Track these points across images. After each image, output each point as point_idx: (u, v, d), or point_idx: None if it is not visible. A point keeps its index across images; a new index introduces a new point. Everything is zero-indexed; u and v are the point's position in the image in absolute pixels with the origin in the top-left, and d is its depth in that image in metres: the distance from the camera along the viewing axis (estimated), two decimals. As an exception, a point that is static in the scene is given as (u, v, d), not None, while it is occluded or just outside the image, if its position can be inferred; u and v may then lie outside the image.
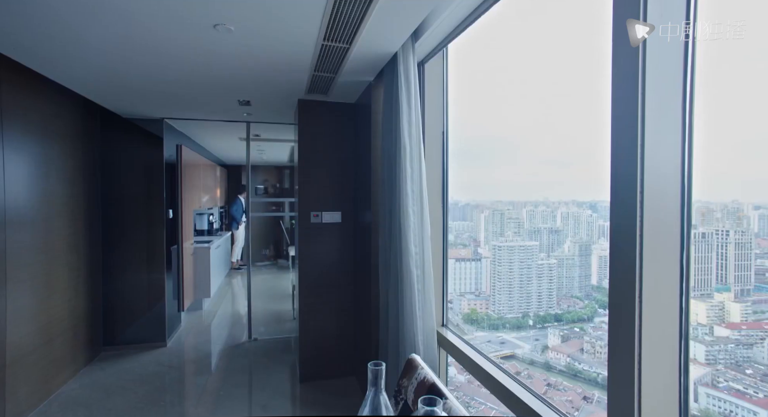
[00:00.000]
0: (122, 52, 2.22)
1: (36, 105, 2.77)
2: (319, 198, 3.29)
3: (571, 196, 2.36)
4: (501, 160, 2.58)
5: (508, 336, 2.39)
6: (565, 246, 2.34)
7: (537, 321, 2.35)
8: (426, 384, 1.40)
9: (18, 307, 2.57)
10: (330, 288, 3.33)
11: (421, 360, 1.52)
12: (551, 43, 2.12)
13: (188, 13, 1.74)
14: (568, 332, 2.27)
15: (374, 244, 2.63)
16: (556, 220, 2.37)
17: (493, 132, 2.64)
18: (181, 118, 4.05)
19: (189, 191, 4.78)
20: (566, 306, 2.28)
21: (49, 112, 2.93)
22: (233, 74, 2.58)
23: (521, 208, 2.54)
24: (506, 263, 2.47)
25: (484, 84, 2.65)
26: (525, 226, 2.50)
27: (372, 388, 1.05)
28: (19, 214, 2.58)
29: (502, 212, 2.59)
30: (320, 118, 3.30)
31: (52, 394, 2.97)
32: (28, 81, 2.64)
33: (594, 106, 1.89)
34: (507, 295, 2.44)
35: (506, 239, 2.52)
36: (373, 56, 2.23)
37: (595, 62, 1.42)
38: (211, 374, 3.47)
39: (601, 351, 2.08)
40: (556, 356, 2.21)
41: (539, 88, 2.25)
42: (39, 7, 1.70)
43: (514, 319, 2.43)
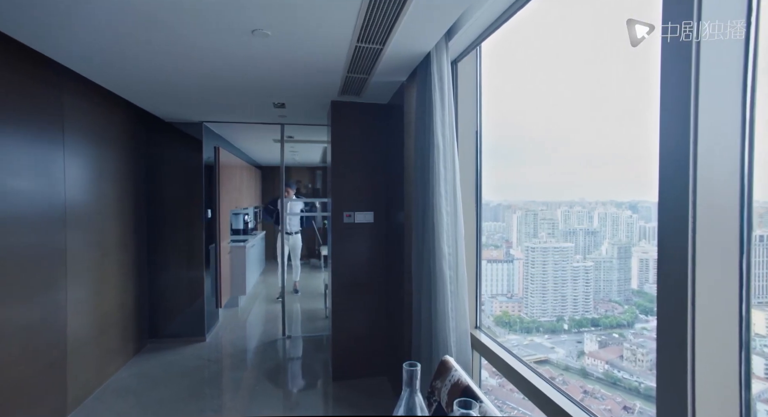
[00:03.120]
0: (167, 61, 2.33)
1: (91, 111, 2.97)
2: (352, 198, 3.33)
3: (609, 197, 2.28)
4: (534, 160, 2.52)
5: (542, 340, 2.32)
6: (602, 248, 2.26)
7: (572, 325, 2.28)
8: (460, 386, 1.39)
9: (76, 300, 2.76)
10: (362, 287, 3.36)
11: (454, 362, 1.51)
12: (587, 40, 2.05)
13: (228, 21, 1.81)
14: (606, 338, 2.18)
15: (407, 245, 2.63)
16: (592, 221, 2.29)
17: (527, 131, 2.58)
18: (219, 121, 4.21)
19: (226, 192, 4.96)
20: (604, 310, 2.20)
21: (102, 118, 3.13)
22: (268, 77, 2.66)
23: (555, 209, 2.47)
24: (540, 265, 2.41)
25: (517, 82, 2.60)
26: (560, 227, 2.42)
27: (407, 388, 1.05)
28: (77, 214, 2.77)
29: (535, 213, 2.53)
30: (353, 119, 3.34)
31: (105, 381, 3.17)
32: (85, 89, 2.82)
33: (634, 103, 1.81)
34: (540, 297, 2.38)
35: (540, 240, 2.46)
36: (406, 56, 2.23)
37: (634, 58, 1.37)
38: (247, 369, 3.58)
39: (643, 359, 1.99)
40: (593, 362, 2.13)
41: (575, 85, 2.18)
42: (98, 25, 1.82)
43: (548, 323, 2.37)
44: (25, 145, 2.29)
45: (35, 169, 2.37)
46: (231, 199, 5.33)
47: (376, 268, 3.38)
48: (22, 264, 2.26)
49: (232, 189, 5.46)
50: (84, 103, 2.86)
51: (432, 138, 2.04)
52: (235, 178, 5.69)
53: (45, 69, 2.39)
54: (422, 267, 2.15)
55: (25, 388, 2.28)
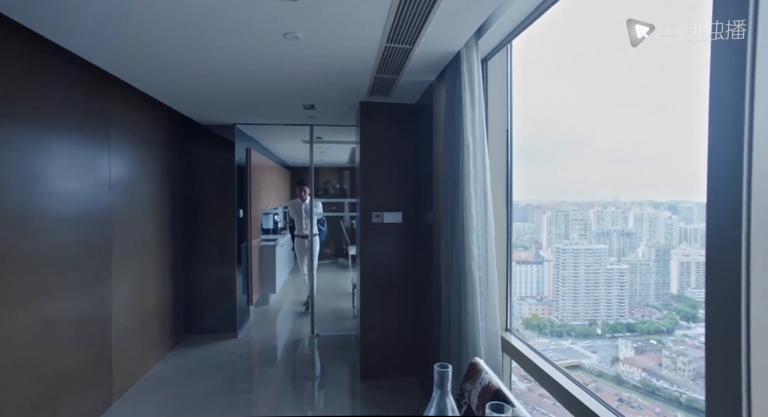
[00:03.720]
0: (203, 67, 2.42)
1: (134, 116, 3.12)
2: (380, 198, 3.34)
3: (647, 197, 2.18)
4: (565, 159, 2.44)
5: (573, 344, 2.25)
6: (638, 250, 2.16)
7: (606, 330, 2.20)
8: (491, 389, 1.37)
9: (120, 295, 2.91)
10: (390, 287, 3.37)
11: (484, 364, 1.49)
12: (622, 36, 1.97)
13: (261, 26, 1.85)
14: (642, 344, 2.09)
15: (436, 245, 2.62)
16: (628, 222, 2.20)
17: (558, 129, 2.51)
18: (251, 123, 4.33)
19: (257, 192, 5.09)
20: (640, 315, 2.11)
21: (143, 122, 3.28)
22: (299, 80, 2.71)
23: (588, 209, 2.39)
24: (571, 267, 2.33)
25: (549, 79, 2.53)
26: (592, 228, 2.34)
27: (438, 390, 1.05)
28: (120, 213, 2.92)
29: (566, 213, 2.45)
30: (381, 119, 3.35)
31: (146, 373, 3.33)
32: (129, 96, 2.97)
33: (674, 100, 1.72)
34: (572, 300, 2.31)
35: (571, 242, 2.39)
36: (436, 56, 2.22)
37: (674, 52, 1.30)
38: (277, 366, 3.66)
39: (684, 368, 1.89)
40: (629, 369, 2.04)
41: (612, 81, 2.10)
42: (145, 37, 1.91)
43: (580, 327, 2.29)
44: (76, 149, 2.43)
45: (84, 171, 2.51)
46: (261, 199, 5.47)
47: (404, 269, 3.38)
48: (74, 260, 2.40)
49: (263, 189, 5.60)
50: (127, 108, 3.01)
51: (462, 137, 2.02)
52: (265, 179, 5.83)
53: (96, 78, 2.54)
54: (451, 268, 2.13)
55: (77, 376, 2.42)
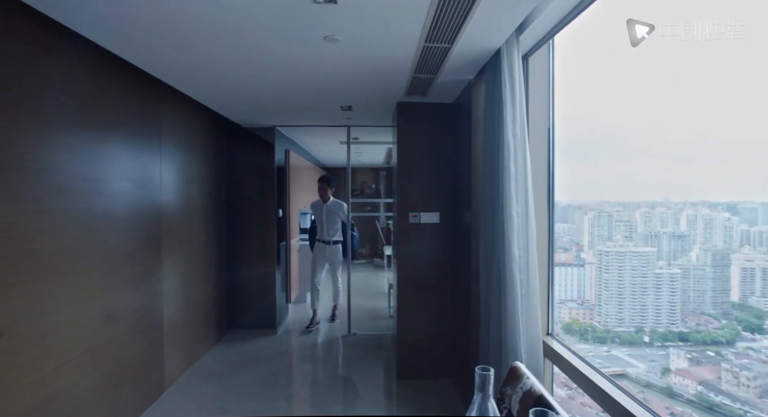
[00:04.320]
0: (246, 72, 2.52)
1: (182, 121, 3.29)
2: (418, 198, 3.34)
3: (702, 197, 2.04)
4: (609, 157, 2.33)
5: (618, 351, 2.14)
6: (692, 254, 2.03)
7: (655, 338, 2.07)
8: (533, 395, 1.33)
9: (170, 289, 3.08)
10: (427, 288, 3.35)
11: (525, 369, 1.45)
12: (673, 29, 1.85)
13: (302, 29, 1.90)
14: (698, 355, 1.95)
15: (474, 246, 2.58)
16: (679, 224, 2.07)
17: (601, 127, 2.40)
18: (290, 125, 4.46)
19: (295, 192, 5.23)
20: (694, 324, 1.98)
21: (190, 126, 3.46)
22: (337, 81, 2.75)
23: (634, 210, 2.28)
24: (615, 270, 2.23)
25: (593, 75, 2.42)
26: (638, 229, 2.22)
27: (479, 393, 1.03)
28: (170, 213, 3.09)
29: (609, 214, 2.35)
30: (418, 119, 3.34)
31: (193, 364, 3.50)
32: (177, 101, 3.14)
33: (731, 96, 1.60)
34: (616, 305, 2.20)
35: (615, 244, 2.28)
36: (475, 54, 2.19)
37: (722, 46, 1.21)
38: (314, 363, 3.74)
39: (748, 384, 1.75)
40: (682, 382, 1.92)
41: (660, 75, 1.97)
42: (194, 45, 2.02)
43: (625, 334, 2.18)
44: (132, 153, 2.60)
45: (139, 173, 2.68)
46: (299, 200, 5.61)
47: (441, 269, 3.35)
48: (130, 256, 2.57)
49: (301, 190, 5.74)
50: (176, 113, 3.19)
51: (502, 137, 1.98)
52: (303, 179, 5.97)
53: (148, 85, 2.70)
54: (491, 269, 2.09)
55: (133, 364, 2.59)
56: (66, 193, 2.02)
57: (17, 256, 1.73)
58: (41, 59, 1.86)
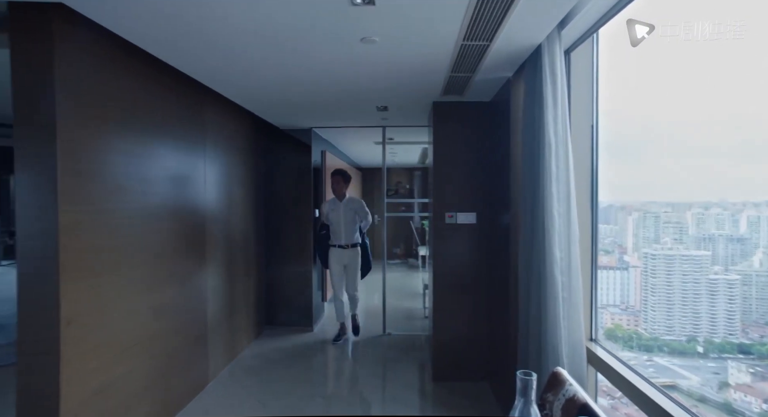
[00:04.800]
0: (284, 75, 2.59)
1: (224, 122, 3.44)
2: (454, 199, 3.30)
3: (766, 196, 1.88)
4: (656, 155, 2.19)
5: (664, 361, 2.01)
6: (754, 258, 1.87)
7: (710, 349, 1.93)
8: (576, 403, 1.28)
9: (213, 286, 3.22)
10: (463, 289, 3.31)
11: (567, 375, 1.40)
12: (727, 20, 1.71)
13: (339, 32, 1.93)
14: (763, 370, 1.80)
15: (513, 247, 2.51)
16: (738, 226, 1.91)
17: (649, 123, 2.26)
18: (326, 127, 4.53)
19: (331, 193, 5.30)
20: (758, 335, 1.82)
21: (231, 129, 3.60)
22: (373, 82, 2.77)
23: (685, 211, 2.13)
24: (663, 275, 2.09)
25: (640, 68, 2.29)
26: (690, 231, 2.08)
27: (521, 398, 1.01)
28: (213, 213, 3.23)
29: (656, 215, 2.21)
30: (455, 118, 3.31)
31: (234, 358, 3.65)
32: (220, 105, 3.28)
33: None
34: (665, 312, 2.07)
35: (663, 246, 2.14)
36: (514, 51, 2.13)
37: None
38: (349, 361, 3.78)
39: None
40: (744, 398, 1.77)
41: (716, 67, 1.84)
42: (235, 50, 2.10)
43: (675, 343, 2.04)
44: (179, 155, 2.74)
45: (185, 174, 2.82)
46: (336, 200, 5.68)
47: (478, 270, 3.29)
48: (178, 253, 2.71)
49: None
50: (219, 117, 3.33)
51: (542, 135, 1.92)
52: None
53: (194, 90, 2.84)
54: (530, 271, 2.03)
55: (181, 356, 2.73)
56: (120, 194, 2.16)
57: (83, 252, 1.87)
58: (100, 68, 2.00)
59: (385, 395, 3.17)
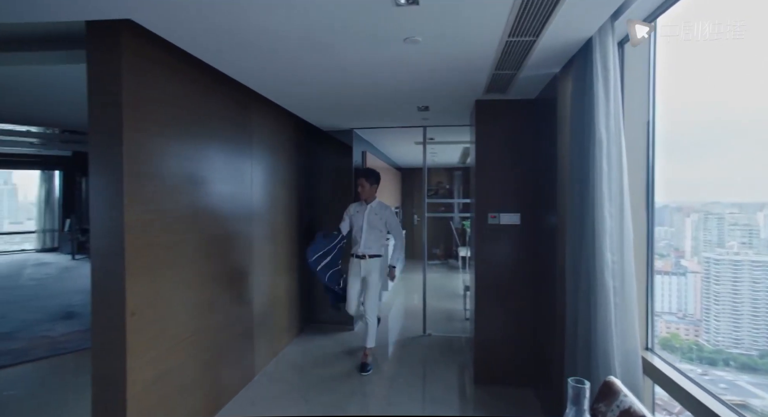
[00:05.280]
0: (327, 77, 2.65)
1: (269, 125, 3.57)
2: (497, 199, 3.23)
3: None
4: (720, 150, 2.03)
5: (734, 377, 1.85)
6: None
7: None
8: (633, 415, 1.22)
9: (259, 283, 3.35)
10: (507, 291, 3.23)
11: (622, 385, 1.33)
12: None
13: (382, 33, 1.95)
14: None
15: (559, 249, 2.42)
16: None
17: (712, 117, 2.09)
18: (367, 127, 4.58)
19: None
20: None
21: (276, 130, 3.73)
22: (415, 82, 2.77)
23: (755, 212, 1.96)
24: (728, 281, 1.95)
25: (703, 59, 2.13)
26: (761, 235, 1.91)
27: (573, 407, 0.98)
28: (259, 212, 3.36)
29: (720, 216, 2.06)
30: (498, 117, 3.24)
31: (278, 354, 3.77)
32: (265, 107, 3.41)
33: None
34: (731, 323, 1.92)
35: (728, 251, 1.99)
36: (562, 45, 2.06)
37: None
38: (389, 361, 3.80)
39: None
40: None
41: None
42: (280, 55, 2.18)
43: (743, 357, 1.90)
44: (227, 157, 2.88)
45: (233, 175, 2.96)
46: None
47: (522, 272, 3.20)
48: (227, 251, 2.85)
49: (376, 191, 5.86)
50: (264, 119, 3.46)
51: (593, 133, 1.84)
52: (378, 180, 6.09)
53: (241, 95, 2.97)
54: (579, 274, 1.95)
55: (230, 349, 2.87)
56: (176, 194, 2.30)
57: (144, 249, 2.02)
58: (158, 77, 2.14)
59: (425, 396, 3.15)
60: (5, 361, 3.55)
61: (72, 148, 8.02)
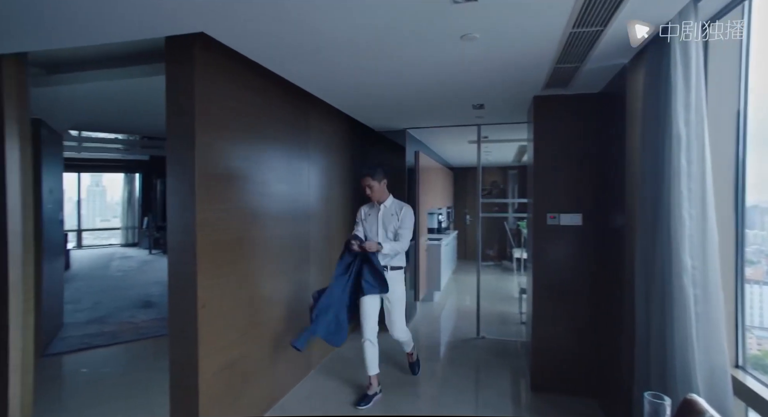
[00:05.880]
0: (383, 79, 2.68)
1: (325, 127, 3.67)
2: (556, 199, 3.08)
3: None
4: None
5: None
6: None
7: None
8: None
9: (315, 280, 3.46)
10: (567, 296, 3.06)
11: (706, 405, 1.21)
12: None
13: (440, 30, 1.92)
14: None
15: (627, 252, 2.26)
16: None
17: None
18: (420, 127, 4.56)
19: (424, 193, 5.34)
20: None
21: (330, 132, 3.83)
22: (471, 80, 2.71)
23: None
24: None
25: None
26: None
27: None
28: (315, 211, 3.48)
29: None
30: (557, 113, 3.08)
31: (331, 351, 3.87)
32: (321, 110, 3.51)
33: None
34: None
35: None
36: (633, 33, 1.91)
37: None
38: (440, 362, 3.76)
39: None
40: None
41: None
42: (336, 58, 2.24)
43: None
44: (287, 159, 3.00)
45: (292, 177, 3.08)
46: (428, 200, 5.71)
47: (583, 276, 3.02)
48: (286, 249, 2.98)
49: (429, 190, 5.84)
50: (321, 121, 3.57)
51: (669, 127, 1.69)
52: (430, 180, 6.06)
53: (299, 98, 3.09)
54: (652, 280, 1.80)
55: (286, 343, 2.99)
56: (241, 194, 2.44)
57: (213, 245, 2.17)
58: (226, 83, 2.28)
59: (478, 399, 3.08)
60: (101, 342, 4.08)
61: (150, 152, 8.81)
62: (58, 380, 3.33)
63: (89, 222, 11.86)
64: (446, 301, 5.92)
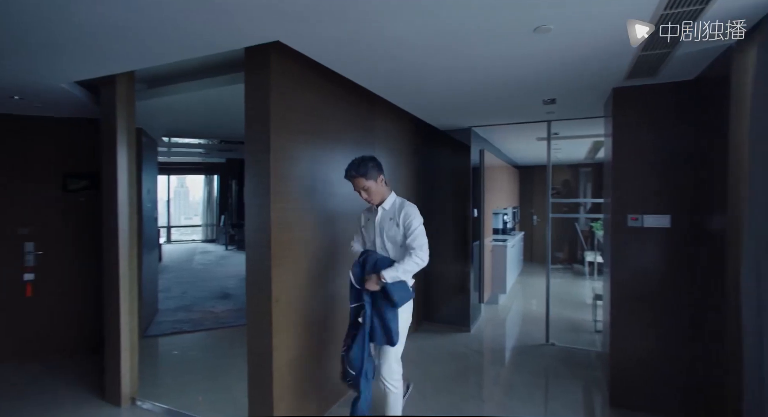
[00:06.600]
0: (449, 78, 2.63)
1: (389, 127, 3.70)
2: (639, 198, 2.82)
3: None
4: None
5: None
6: None
7: None
8: None
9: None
10: (651, 304, 2.79)
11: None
12: None
13: (511, 24, 1.84)
14: None
15: (730, 259, 2.00)
16: None
17: None
18: (486, 125, 4.43)
19: (489, 192, 5.17)
20: None
21: (395, 132, 3.85)
22: (542, 74, 2.57)
23: None
24: None
25: None
26: None
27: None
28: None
29: None
30: (641, 105, 2.82)
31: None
32: (386, 109, 3.55)
33: None
34: None
35: None
36: (743, 8, 1.68)
37: None
38: (505, 367, 3.62)
39: None
40: None
41: None
42: (403, 60, 2.25)
43: None
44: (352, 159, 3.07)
45: (358, 177, 3.14)
46: (493, 199, 5.53)
47: (670, 283, 2.73)
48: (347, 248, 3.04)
49: (494, 189, 5.65)
50: (385, 121, 3.60)
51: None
52: (496, 179, 5.87)
53: (365, 100, 3.15)
54: (766, 289, 1.58)
55: (336, 340, 3.03)
56: (311, 194, 2.54)
57: (285, 243, 2.28)
58: (297, 88, 2.39)
59: (547, 409, 2.91)
60: (188, 328, 4.54)
61: (226, 155, 9.54)
62: (156, 359, 3.77)
63: (176, 219, 13.14)
64: (512, 305, 5.70)
